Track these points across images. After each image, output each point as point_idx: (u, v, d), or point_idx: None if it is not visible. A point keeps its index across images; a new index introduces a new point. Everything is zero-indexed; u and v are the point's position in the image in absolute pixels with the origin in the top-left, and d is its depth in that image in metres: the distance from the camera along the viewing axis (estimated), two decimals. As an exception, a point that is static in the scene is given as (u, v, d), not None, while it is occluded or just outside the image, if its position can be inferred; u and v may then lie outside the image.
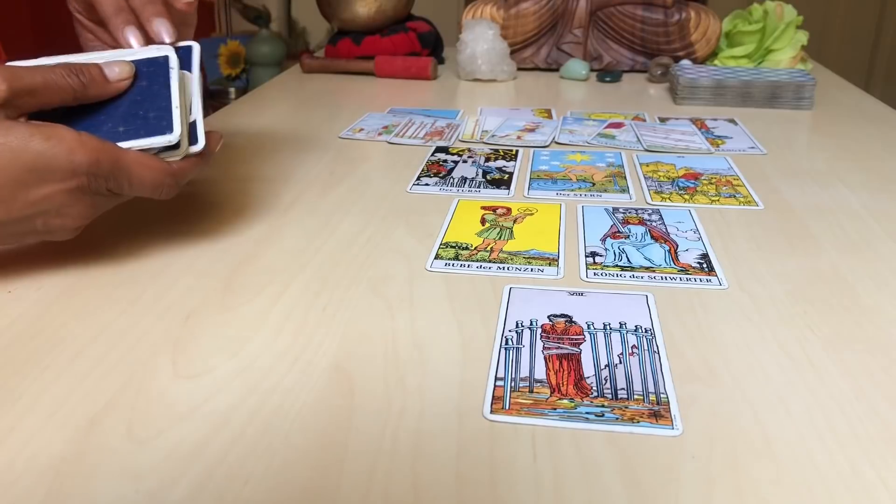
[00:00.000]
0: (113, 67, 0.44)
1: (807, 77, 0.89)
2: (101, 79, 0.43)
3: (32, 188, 0.39)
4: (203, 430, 0.32)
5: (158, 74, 0.45)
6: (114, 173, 0.41)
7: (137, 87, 0.44)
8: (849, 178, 0.63)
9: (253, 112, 0.88)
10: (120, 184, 0.42)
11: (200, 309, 0.41)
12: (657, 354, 0.37)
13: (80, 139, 0.40)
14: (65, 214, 0.41)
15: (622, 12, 1.06)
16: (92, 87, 0.42)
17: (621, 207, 0.57)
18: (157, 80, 0.44)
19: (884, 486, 0.28)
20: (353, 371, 0.36)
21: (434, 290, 0.44)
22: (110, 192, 0.42)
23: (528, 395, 0.34)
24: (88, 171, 0.40)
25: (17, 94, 0.39)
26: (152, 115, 0.43)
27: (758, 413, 0.33)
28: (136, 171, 0.42)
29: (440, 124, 0.80)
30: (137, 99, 0.44)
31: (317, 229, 0.52)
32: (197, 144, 0.45)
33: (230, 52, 2.07)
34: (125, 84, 0.44)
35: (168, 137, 0.43)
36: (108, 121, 0.43)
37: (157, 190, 0.43)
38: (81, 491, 0.28)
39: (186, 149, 0.44)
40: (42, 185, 0.39)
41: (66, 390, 0.34)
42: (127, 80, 0.44)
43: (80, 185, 0.40)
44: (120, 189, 0.42)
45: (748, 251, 0.49)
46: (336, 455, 0.30)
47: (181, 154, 0.44)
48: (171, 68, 0.45)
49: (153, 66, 0.45)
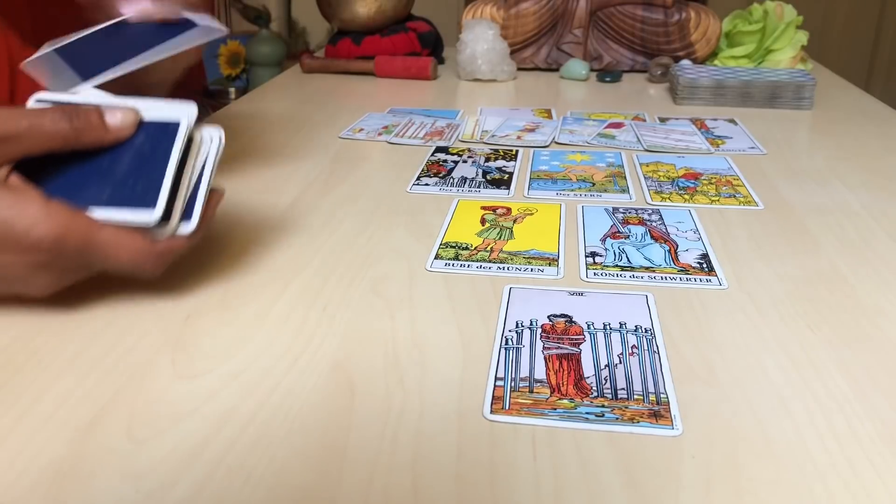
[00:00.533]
0: (115, 113, 0.39)
1: (807, 77, 0.89)
2: (99, 125, 0.38)
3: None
4: (203, 430, 0.32)
5: (163, 140, 0.39)
6: (81, 252, 0.37)
7: (140, 148, 0.39)
8: (849, 177, 0.63)
9: (253, 112, 0.88)
10: (90, 262, 0.38)
11: (200, 309, 0.41)
12: (657, 354, 0.37)
13: (47, 211, 0.36)
14: (28, 284, 0.38)
15: (622, 12, 1.06)
16: (87, 133, 0.38)
17: (621, 207, 0.57)
18: (160, 145, 0.39)
19: (884, 486, 0.28)
20: (353, 371, 0.36)
21: (434, 290, 0.44)
22: (80, 268, 0.38)
23: (528, 395, 0.34)
24: (50, 248, 0.36)
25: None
26: (140, 186, 0.38)
27: (758, 413, 0.33)
28: (111, 251, 0.37)
29: (440, 124, 0.80)
30: (135, 163, 0.39)
31: (317, 229, 0.52)
32: (188, 224, 0.39)
33: (230, 52, 2.07)
34: (126, 133, 0.39)
35: (147, 215, 0.38)
36: (96, 182, 0.39)
37: (136, 271, 0.39)
38: (81, 491, 0.28)
39: (176, 226, 0.39)
40: (3, 253, 0.36)
41: (66, 390, 0.34)
42: (129, 129, 0.39)
43: (40, 262, 0.36)
44: (90, 267, 0.38)
45: (748, 251, 0.49)
46: (336, 455, 0.30)
47: (170, 232, 0.39)
48: (178, 136, 0.39)
49: (163, 130, 0.40)
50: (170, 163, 0.39)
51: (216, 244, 0.50)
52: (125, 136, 0.39)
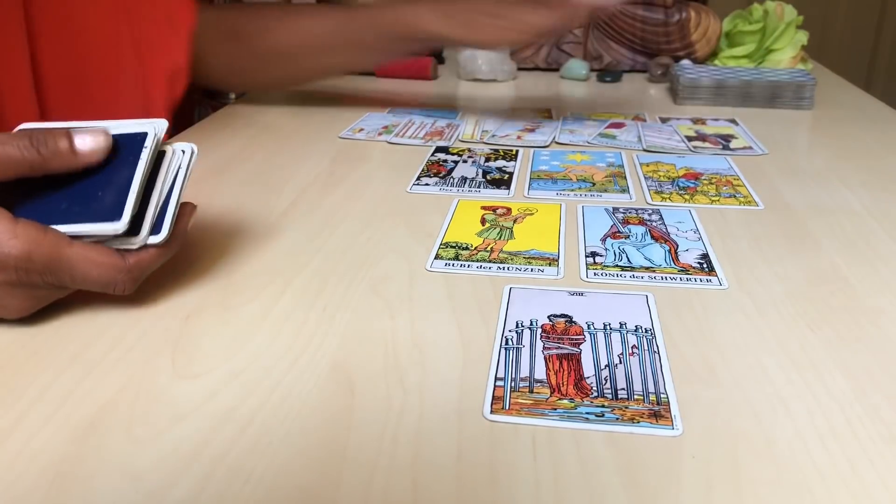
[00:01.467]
0: (85, 138, 0.39)
1: (807, 77, 0.89)
2: (68, 151, 0.38)
3: None
4: (203, 430, 0.32)
5: (131, 152, 0.39)
6: (51, 268, 0.37)
7: (108, 161, 0.39)
8: (849, 178, 0.63)
9: (253, 112, 0.88)
10: (60, 279, 0.38)
11: (200, 309, 0.41)
12: (657, 354, 0.37)
13: (14, 230, 0.36)
14: (1, 305, 0.38)
15: (622, 12, 1.06)
16: (54, 160, 0.38)
17: (621, 207, 0.57)
18: (128, 158, 0.39)
19: (884, 486, 0.28)
20: (353, 371, 0.36)
21: (434, 290, 0.44)
22: (52, 286, 0.38)
23: (528, 395, 0.34)
24: (17, 265, 0.36)
25: None
26: (108, 198, 0.38)
27: (758, 413, 0.33)
28: (81, 267, 0.37)
29: (440, 124, 0.80)
30: (103, 177, 0.39)
31: (317, 229, 0.52)
32: (158, 235, 0.39)
33: (230, 52, 2.07)
34: (97, 158, 0.39)
35: (113, 226, 0.38)
36: (64, 198, 0.39)
37: (107, 287, 0.39)
38: (81, 491, 0.28)
39: (146, 238, 0.39)
40: None
41: (66, 390, 0.34)
42: (99, 152, 0.39)
43: (10, 280, 0.36)
44: (61, 284, 0.38)
45: (748, 251, 0.49)
46: (336, 455, 0.30)
47: (139, 243, 0.39)
48: (145, 147, 0.39)
49: (130, 142, 0.40)
50: (136, 173, 0.39)
51: (216, 244, 0.50)
52: (96, 161, 0.39)
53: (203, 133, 0.77)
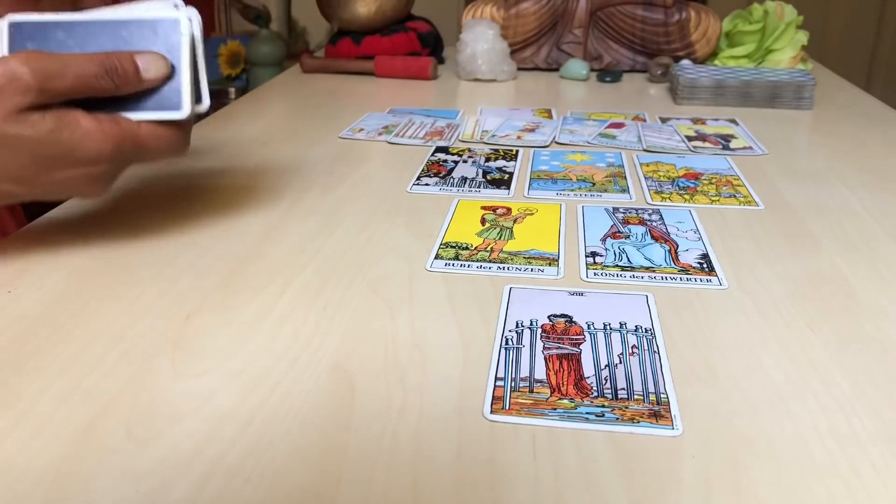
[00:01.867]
0: (149, 66, 0.43)
1: (807, 77, 0.89)
2: (135, 77, 0.43)
3: (57, 171, 0.41)
4: (203, 430, 0.32)
5: (168, 39, 0.44)
6: (135, 152, 0.43)
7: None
8: (849, 178, 0.63)
9: (253, 112, 0.88)
10: (140, 158, 0.44)
11: (200, 309, 0.41)
12: (657, 354, 0.37)
13: (102, 128, 0.41)
14: (87, 192, 0.44)
15: (622, 12, 1.06)
16: (124, 86, 0.43)
17: (621, 207, 0.57)
18: (167, 41, 0.44)
19: (884, 486, 0.28)
20: (353, 371, 0.36)
21: (434, 290, 0.44)
22: (126, 166, 0.44)
23: (528, 395, 0.34)
24: (112, 157, 0.42)
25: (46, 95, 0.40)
26: (165, 88, 0.44)
27: (758, 413, 0.33)
28: (154, 144, 0.43)
29: (440, 124, 0.80)
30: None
31: (317, 229, 0.52)
32: (202, 104, 0.45)
33: (230, 52, 2.07)
34: (159, 82, 0.44)
35: (179, 113, 0.44)
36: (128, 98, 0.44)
37: (175, 154, 0.45)
38: (81, 491, 0.28)
39: (193, 110, 0.45)
40: (66, 170, 0.41)
41: (66, 390, 0.34)
42: (161, 79, 0.44)
43: (103, 171, 0.42)
44: (140, 161, 0.44)
45: (748, 251, 0.49)
46: (336, 455, 0.30)
47: (187, 115, 0.45)
48: (182, 34, 0.44)
49: (163, 28, 0.44)
50: (181, 63, 0.44)
51: (216, 244, 0.50)
52: (157, 84, 0.44)
53: (203, 133, 0.77)
